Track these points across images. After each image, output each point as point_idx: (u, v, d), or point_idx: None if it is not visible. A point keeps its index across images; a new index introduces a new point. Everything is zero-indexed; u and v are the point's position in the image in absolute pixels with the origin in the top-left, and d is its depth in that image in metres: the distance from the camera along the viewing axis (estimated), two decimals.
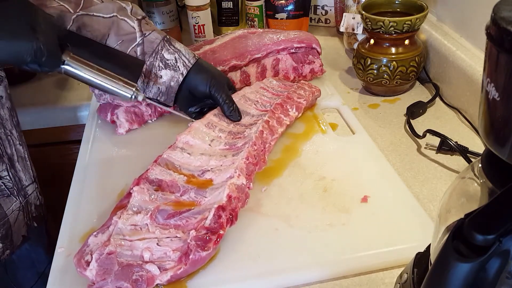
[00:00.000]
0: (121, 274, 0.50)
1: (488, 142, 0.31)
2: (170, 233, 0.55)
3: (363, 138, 0.76)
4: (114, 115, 0.82)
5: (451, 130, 0.79)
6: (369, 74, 0.87)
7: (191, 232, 0.53)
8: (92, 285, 0.51)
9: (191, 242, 0.52)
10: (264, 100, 0.79)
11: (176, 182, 0.61)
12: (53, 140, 1.03)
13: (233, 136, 0.70)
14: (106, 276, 0.51)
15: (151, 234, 0.55)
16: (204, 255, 0.52)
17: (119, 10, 0.73)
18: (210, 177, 0.62)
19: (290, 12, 1.13)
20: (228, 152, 0.66)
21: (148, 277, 0.51)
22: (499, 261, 0.28)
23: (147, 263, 0.52)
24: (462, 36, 0.86)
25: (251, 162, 0.64)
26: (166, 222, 0.56)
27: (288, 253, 0.57)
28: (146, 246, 0.53)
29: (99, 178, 0.72)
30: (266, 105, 0.77)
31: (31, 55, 0.54)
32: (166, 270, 0.52)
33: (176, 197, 0.60)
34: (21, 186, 0.73)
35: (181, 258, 0.53)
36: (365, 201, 0.63)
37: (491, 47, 0.29)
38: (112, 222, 0.56)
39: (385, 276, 0.55)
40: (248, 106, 0.76)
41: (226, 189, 0.57)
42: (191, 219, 0.56)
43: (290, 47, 0.91)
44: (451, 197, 0.37)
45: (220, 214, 0.55)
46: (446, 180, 0.69)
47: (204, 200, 0.59)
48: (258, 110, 0.76)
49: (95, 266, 0.51)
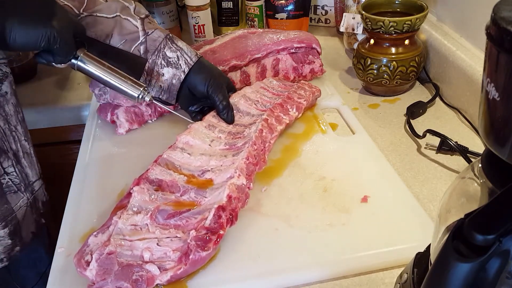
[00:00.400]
0: (121, 274, 0.51)
1: (488, 142, 0.31)
2: (170, 233, 0.55)
3: (363, 138, 0.76)
4: (114, 115, 0.82)
5: (451, 130, 0.79)
6: (369, 74, 0.87)
7: (191, 232, 0.53)
8: (92, 285, 0.51)
9: (191, 242, 0.52)
10: (265, 100, 0.79)
11: (176, 182, 0.62)
12: (53, 140, 1.03)
13: (233, 136, 0.70)
14: (106, 276, 0.51)
15: (151, 234, 0.55)
16: (204, 255, 0.52)
17: (122, 9, 0.74)
18: (210, 177, 0.62)
19: (290, 12, 1.13)
20: (228, 152, 0.66)
21: (148, 277, 0.51)
22: (499, 261, 0.28)
23: (147, 263, 0.52)
24: (462, 36, 0.86)
25: (251, 162, 0.64)
26: (166, 222, 0.56)
27: (288, 253, 0.57)
28: (146, 246, 0.53)
29: (99, 178, 0.72)
30: (267, 105, 0.77)
31: (44, 40, 0.57)
32: (166, 270, 0.52)
33: (176, 197, 0.60)
34: (28, 182, 0.73)
35: (181, 258, 0.53)
36: (365, 201, 0.63)
37: (491, 47, 0.29)
38: (112, 222, 0.56)
39: (385, 276, 0.55)
40: (249, 106, 0.77)
41: (226, 189, 0.57)
42: (191, 219, 0.56)
43: (290, 47, 0.91)
44: (451, 197, 0.37)
45: (220, 214, 0.55)
46: (446, 180, 0.69)
47: (204, 200, 0.59)
48: (258, 110, 0.76)
49: (95, 266, 0.51)
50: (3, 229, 0.68)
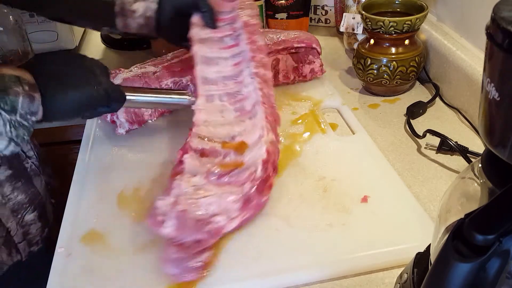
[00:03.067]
0: (195, 227, 0.56)
1: (488, 142, 0.31)
2: (226, 189, 0.61)
3: (363, 138, 0.76)
4: (114, 115, 0.82)
5: (451, 130, 0.79)
6: (369, 74, 0.87)
7: (245, 185, 0.60)
8: (172, 241, 0.55)
9: (251, 191, 0.60)
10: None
11: (215, 148, 0.67)
12: (53, 140, 1.03)
13: (234, 99, 0.73)
14: (183, 231, 0.55)
15: (210, 192, 0.60)
16: (262, 200, 0.61)
17: None
18: (241, 139, 0.67)
19: (290, 12, 1.13)
20: (244, 117, 0.70)
21: (218, 227, 0.57)
22: (499, 261, 0.28)
23: (214, 216, 0.58)
24: (462, 36, 0.86)
25: (270, 120, 0.69)
26: (220, 181, 0.62)
27: (288, 253, 0.57)
28: (210, 202, 0.59)
29: (99, 178, 0.72)
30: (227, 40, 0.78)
31: (100, 101, 0.60)
32: (232, 219, 0.59)
33: (219, 160, 0.65)
34: (44, 166, 0.74)
35: (244, 206, 0.59)
36: (365, 201, 0.63)
37: (491, 47, 0.29)
38: (174, 186, 0.60)
39: (385, 276, 0.55)
40: (213, 52, 0.77)
41: (264, 145, 0.64)
42: (240, 176, 0.62)
43: (290, 47, 0.91)
44: (451, 197, 0.37)
45: (266, 166, 0.62)
46: (446, 180, 0.69)
47: (245, 159, 0.65)
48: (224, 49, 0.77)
49: (172, 224, 0.55)
50: (33, 212, 0.69)
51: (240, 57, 0.76)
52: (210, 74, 0.75)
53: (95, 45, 1.20)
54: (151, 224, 0.57)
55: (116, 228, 0.63)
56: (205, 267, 0.55)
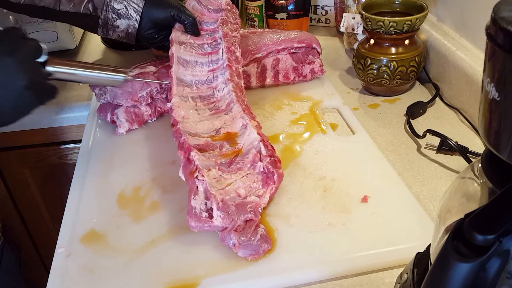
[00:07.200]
0: (240, 210, 0.58)
1: (488, 142, 0.31)
2: (242, 173, 0.64)
3: (363, 138, 0.76)
4: (114, 115, 0.82)
5: (451, 130, 0.79)
6: (369, 74, 0.87)
7: (258, 164, 0.64)
8: (224, 229, 0.57)
9: (267, 167, 0.63)
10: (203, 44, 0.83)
11: (209, 142, 0.68)
12: (53, 140, 1.03)
13: (207, 102, 0.75)
14: (231, 217, 0.57)
15: (230, 180, 0.63)
16: (281, 171, 0.64)
17: None
18: (227, 131, 0.70)
19: (290, 12, 1.13)
20: (220, 114, 0.73)
21: (256, 204, 0.60)
22: (499, 261, 0.28)
23: (246, 197, 0.61)
24: (462, 36, 0.86)
25: (247, 110, 0.73)
26: (231, 169, 0.65)
27: (288, 253, 0.57)
28: (237, 187, 0.62)
29: (99, 178, 0.72)
30: (205, 47, 0.82)
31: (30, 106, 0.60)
32: (262, 195, 0.62)
33: (219, 152, 0.67)
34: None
35: (267, 182, 0.63)
36: (365, 201, 0.63)
37: (491, 47, 0.29)
38: (198, 183, 0.61)
39: (385, 276, 0.55)
40: (190, 53, 0.80)
41: (253, 130, 0.67)
42: (245, 160, 0.65)
43: (290, 47, 0.91)
44: (451, 197, 0.37)
45: (266, 144, 0.66)
46: (446, 180, 0.69)
47: (240, 145, 0.68)
48: (199, 55, 0.80)
49: (220, 214, 0.57)
50: None
51: (216, 64, 0.79)
52: (185, 76, 0.78)
53: (95, 45, 1.20)
54: (198, 223, 0.57)
55: (116, 228, 0.63)
56: (268, 237, 0.58)
